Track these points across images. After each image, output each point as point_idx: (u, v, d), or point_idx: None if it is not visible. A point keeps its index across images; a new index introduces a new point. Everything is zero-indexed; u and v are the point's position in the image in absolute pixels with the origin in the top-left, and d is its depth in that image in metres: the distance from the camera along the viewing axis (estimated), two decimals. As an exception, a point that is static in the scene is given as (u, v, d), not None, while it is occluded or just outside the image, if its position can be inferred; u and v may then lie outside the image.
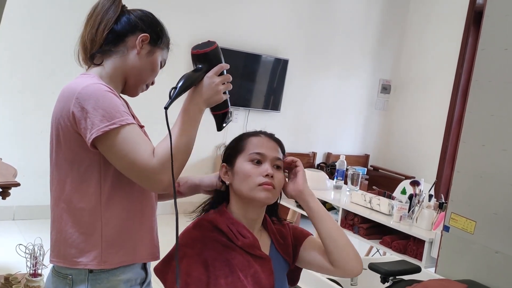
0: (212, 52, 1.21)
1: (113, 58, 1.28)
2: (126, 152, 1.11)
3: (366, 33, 5.98)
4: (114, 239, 1.20)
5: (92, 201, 1.19)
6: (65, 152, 1.20)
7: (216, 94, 1.19)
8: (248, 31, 5.12)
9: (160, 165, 1.10)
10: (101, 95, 1.14)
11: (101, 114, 1.11)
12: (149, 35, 1.28)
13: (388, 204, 2.87)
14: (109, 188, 1.19)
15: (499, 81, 1.95)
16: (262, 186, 1.20)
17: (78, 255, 1.19)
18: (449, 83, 5.53)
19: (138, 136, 1.14)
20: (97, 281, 1.19)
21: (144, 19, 1.30)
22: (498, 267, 1.86)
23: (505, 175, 1.88)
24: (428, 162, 5.72)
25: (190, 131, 1.16)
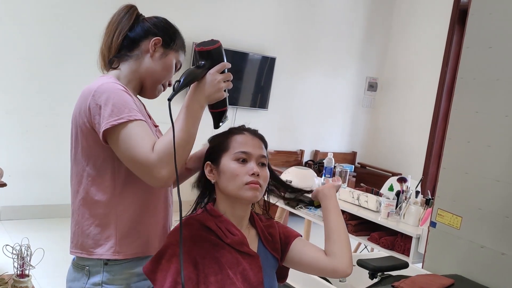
0: (216, 50, 1.24)
1: (129, 62, 1.35)
2: (128, 146, 1.15)
3: (352, 32, 6.02)
4: (128, 231, 1.26)
5: (107, 194, 1.25)
6: (82, 148, 1.26)
7: (217, 91, 1.21)
8: (235, 29, 5.12)
9: (158, 159, 1.12)
10: (113, 92, 1.20)
11: (111, 109, 1.17)
12: (162, 38, 1.34)
13: (376, 201, 2.90)
14: (122, 181, 1.25)
15: (483, 78, 1.97)
16: (249, 185, 1.21)
17: (94, 246, 1.26)
18: (434, 81, 5.58)
19: (143, 132, 1.17)
20: (111, 273, 1.26)
21: (157, 24, 1.37)
22: (483, 262, 1.89)
23: (490, 171, 1.91)
24: (414, 159, 5.78)
25: (191, 127, 1.18)
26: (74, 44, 4.22)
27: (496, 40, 1.93)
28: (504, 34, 1.91)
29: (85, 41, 4.25)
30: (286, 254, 1.32)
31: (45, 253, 2.00)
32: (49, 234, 3.97)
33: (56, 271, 3.31)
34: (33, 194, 4.28)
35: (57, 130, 4.31)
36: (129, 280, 1.28)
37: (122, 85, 1.25)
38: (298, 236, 1.35)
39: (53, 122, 4.27)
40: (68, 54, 4.21)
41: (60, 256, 3.53)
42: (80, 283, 1.28)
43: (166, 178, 1.13)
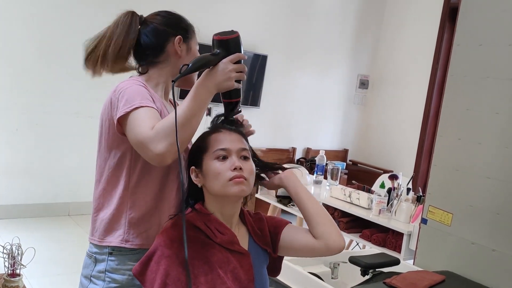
0: (233, 40, 1.25)
1: (158, 67, 1.39)
2: (134, 126, 1.20)
3: (344, 29, 6.03)
4: (137, 222, 1.31)
5: (123, 186, 1.31)
6: (107, 140, 1.33)
7: (227, 80, 1.22)
8: (226, 27, 5.10)
9: (155, 134, 1.15)
10: (130, 86, 1.27)
11: (126, 99, 1.24)
12: (181, 35, 1.38)
13: (367, 198, 2.91)
14: (137, 175, 1.30)
15: (474, 76, 1.99)
16: (233, 181, 1.20)
17: (106, 234, 1.32)
18: (425, 78, 5.61)
19: (150, 115, 1.20)
20: (116, 262, 1.31)
21: (168, 23, 1.40)
22: (474, 258, 1.91)
23: (480, 168, 1.92)
24: (405, 156, 5.81)
25: (195, 109, 1.19)
26: (63, 42, 4.19)
27: (487, 37, 1.95)
28: (495, 31, 1.92)
29: (74, 39, 4.22)
30: (278, 244, 1.31)
31: (36, 253, 1.99)
32: (40, 233, 3.94)
33: (47, 270, 3.29)
34: (24, 193, 4.25)
35: (47, 128, 4.28)
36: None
37: (143, 83, 1.31)
38: (287, 224, 1.34)
39: (43, 120, 4.24)
40: (57, 51, 4.18)
41: (51, 255, 3.52)
42: (88, 270, 1.34)
43: (163, 154, 1.14)
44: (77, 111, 4.34)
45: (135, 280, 1.27)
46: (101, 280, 1.31)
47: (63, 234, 4.03)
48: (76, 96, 4.29)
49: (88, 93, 4.27)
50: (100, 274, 1.32)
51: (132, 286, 1.30)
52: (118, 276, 1.30)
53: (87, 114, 4.36)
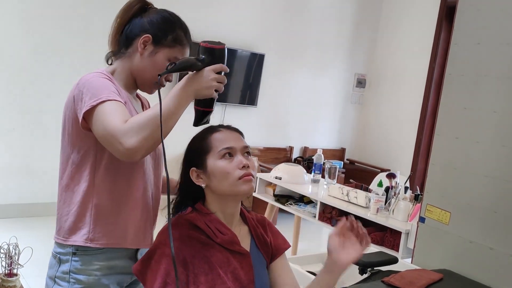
0: (219, 51, 1.25)
1: (122, 59, 1.37)
2: (102, 120, 1.18)
3: (341, 28, 6.03)
4: (103, 221, 1.29)
5: (86, 183, 1.28)
6: (69, 136, 1.31)
7: (207, 88, 1.21)
8: (223, 26, 5.10)
9: (129, 128, 1.14)
10: (94, 79, 1.25)
11: (91, 93, 1.22)
12: (152, 36, 1.34)
13: (365, 197, 2.91)
14: (102, 172, 1.28)
15: (471, 74, 1.99)
16: (243, 179, 1.20)
17: (70, 232, 1.29)
18: (422, 77, 5.62)
19: (118, 109, 1.19)
20: (80, 263, 1.28)
21: (153, 20, 1.36)
22: (472, 256, 1.91)
23: (478, 167, 1.92)
24: (403, 155, 5.81)
25: (173, 110, 1.18)
26: (59, 42, 4.17)
27: (484, 36, 1.95)
28: (492, 30, 1.92)
29: (70, 38, 4.21)
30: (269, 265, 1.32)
31: (33, 252, 1.98)
32: (37, 233, 3.93)
33: (45, 270, 3.29)
34: (21, 193, 4.24)
35: (43, 128, 4.27)
36: (99, 272, 1.29)
37: (105, 74, 1.29)
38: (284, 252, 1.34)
39: (39, 120, 4.23)
40: (53, 51, 4.16)
41: (49, 255, 3.51)
42: (53, 270, 1.32)
43: (134, 148, 1.13)
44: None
45: (102, 280, 1.28)
46: (65, 282, 1.29)
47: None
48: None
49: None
50: (64, 275, 1.29)
51: (99, 286, 1.29)
52: (83, 277, 1.28)
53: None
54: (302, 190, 3.27)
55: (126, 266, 1.36)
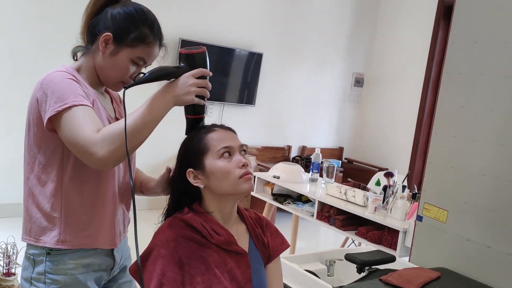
0: (198, 55, 1.22)
1: (86, 56, 1.32)
2: (71, 127, 1.15)
3: (339, 27, 6.03)
4: (74, 221, 1.27)
5: (54, 183, 1.26)
6: (34, 136, 1.27)
7: (186, 94, 1.18)
8: (222, 25, 5.10)
9: (100, 138, 1.13)
10: (59, 80, 1.20)
11: (56, 96, 1.18)
12: (112, 34, 1.26)
13: (363, 196, 2.92)
14: (70, 172, 1.25)
15: (468, 73, 1.99)
16: (243, 178, 1.20)
17: (40, 233, 1.27)
18: (420, 76, 5.63)
19: (87, 116, 1.17)
20: (54, 262, 1.26)
21: (116, 17, 1.28)
22: (469, 255, 1.92)
23: (475, 165, 1.93)
24: (401, 154, 5.82)
25: (147, 120, 1.16)
26: (57, 41, 4.17)
27: (482, 35, 1.95)
28: (489, 29, 1.93)
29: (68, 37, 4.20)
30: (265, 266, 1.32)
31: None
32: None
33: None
34: (18, 192, 4.21)
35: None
36: (75, 270, 1.28)
37: (70, 73, 1.24)
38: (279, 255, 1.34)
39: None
40: (51, 50, 4.16)
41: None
42: (28, 272, 1.29)
43: (105, 159, 1.13)
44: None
45: (78, 278, 1.27)
46: (41, 283, 1.26)
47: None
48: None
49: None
50: (40, 276, 1.27)
51: (76, 285, 1.28)
52: (59, 276, 1.26)
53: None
54: (300, 189, 3.28)
55: (102, 263, 1.35)
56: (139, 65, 1.31)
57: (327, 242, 4.91)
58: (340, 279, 2.01)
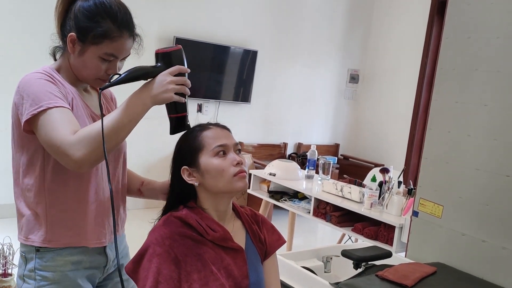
0: (174, 53, 1.21)
1: (62, 56, 1.33)
2: (47, 130, 1.15)
3: (333, 24, 6.04)
4: (58, 220, 1.28)
5: (37, 184, 1.26)
6: (17, 138, 1.28)
7: (164, 92, 1.17)
8: (216, 23, 5.10)
9: (76, 141, 1.13)
10: (34, 82, 1.20)
11: (32, 99, 1.18)
12: (76, 34, 1.24)
13: (359, 192, 2.92)
14: (51, 172, 1.25)
15: (462, 68, 2.00)
16: (238, 176, 1.20)
17: (29, 232, 1.29)
18: (415, 72, 5.64)
19: (63, 118, 1.16)
20: (43, 259, 1.27)
21: (77, 15, 1.24)
22: (465, 249, 1.93)
23: (470, 160, 1.94)
24: (396, 150, 5.84)
25: (124, 121, 1.16)
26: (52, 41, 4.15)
27: (475, 30, 1.96)
28: (483, 24, 1.93)
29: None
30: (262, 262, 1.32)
31: (27, 252, 1.97)
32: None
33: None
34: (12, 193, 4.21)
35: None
36: (64, 267, 1.29)
37: (47, 73, 1.24)
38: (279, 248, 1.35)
39: (32, 119, 4.21)
40: (44, 50, 4.14)
41: (43, 254, 3.49)
42: (21, 269, 1.32)
43: (81, 161, 1.13)
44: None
45: (68, 275, 1.28)
46: (32, 279, 1.28)
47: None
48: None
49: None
50: (30, 273, 1.29)
51: (65, 281, 1.29)
52: (48, 273, 1.28)
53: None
54: (296, 186, 3.28)
55: (94, 260, 1.34)
56: (110, 61, 1.27)
57: (323, 238, 4.92)
58: (337, 275, 2.02)
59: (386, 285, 1.61)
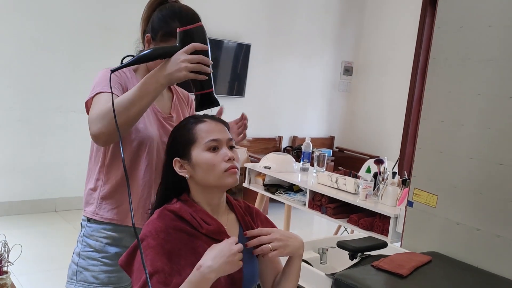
0: (191, 31, 1.23)
1: None
2: (90, 110, 1.32)
3: (326, 16, 6.02)
4: (107, 198, 1.43)
5: (99, 164, 1.44)
6: None
7: (178, 71, 1.19)
8: (209, 17, 5.05)
9: (94, 117, 1.26)
10: (100, 74, 1.37)
11: (93, 86, 1.35)
12: (150, 34, 1.41)
13: (354, 183, 2.93)
14: (110, 153, 1.41)
15: (455, 58, 2.00)
16: (229, 172, 1.20)
17: (86, 205, 1.47)
18: (408, 63, 5.65)
19: (105, 101, 1.27)
20: (91, 228, 1.45)
21: (154, 18, 1.42)
22: (459, 238, 1.94)
23: (463, 149, 1.95)
24: (391, 141, 5.85)
25: (135, 98, 1.22)
26: (44, 37, 4.12)
27: (467, 19, 1.96)
28: (474, 13, 1.94)
29: (57, 34, 4.16)
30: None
31: (24, 249, 1.97)
32: (27, 230, 3.91)
33: (36, 266, 3.27)
34: (9, 190, 4.20)
35: (30, 125, 4.23)
36: (105, 240, 1.43)
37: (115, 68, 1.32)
38: None
39: (26, 117, 4.19)
40: (39, 47, 4.12)
41: (40, 251, 3.49)
42: (78, 235, 1.50)
43: (96, 135, 1.25)
44: (59, 105, 4.29)
45: (107, 248, 1.41)
46: (80, 244, 1.46)
47: (51, 230, 4.00)
48: (57, 91, 4.24)
49: (69, 87, 4.22)
50: (80, 238, 1.47)
51: (104, 252, 1.43)
52: (91, 241, 1.44)
53: (70, 108, 4.31)
54: (292, 178, 3.29)
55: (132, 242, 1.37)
56: None
57: (320, 230, 4.94)
58: (333, 266, 2.03)
59: (381, 275, 1.62)
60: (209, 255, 1.11)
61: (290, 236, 1.24)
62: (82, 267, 1.44)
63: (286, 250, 1.21)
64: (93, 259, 1.43)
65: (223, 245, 1.12)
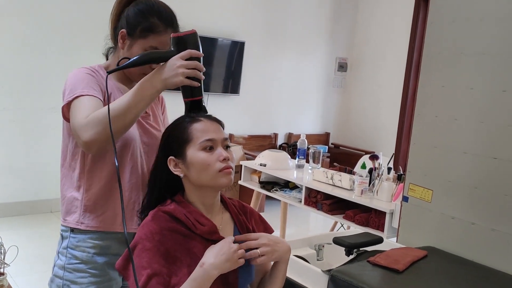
0: (187, 37, 1.23)
1: (112, 55, 1.44)
2: (73, 114, 1.26)
3: (320, 12, 6.02)
4: (92, 205, 1.37)
5: (78, 170, 1.38)
6: (66, 125, 1.39)
7: (174, 76, 1.19)
8: (203, 15, 5.06)
9: (86, 122, 1.20)
10: (75, 75, 1.33)
11: (70, 88, 1.30)
12: (125, 29, 1.37)
13: (349, 179, 2.94)
14: (90, 159, 1.36)
15: (448, 52, 2.01)
16: (223, 172, 1.19)
17: (66, 214, 1.40)
18: (403, 58, 5.66)
19: (89, 105, 1.25)
20: (76, 239, 1.39)
21: (129, 13, 1.37)
22: (455, 232, 1.95)
23: (457, 144, 1.95)
24: (386, 137, 5.87)
25: (132, 103, 1.20)
26: (37, 37, 4.10)
27: (459, 13, 1.96)
28: (466, 7, 1.94)
29: (48, 34, 4.14)
30: None
31: (20, 251, 1.96)
32: (24, 231, 3.90)
33: (33, 268, 3.26)
34: (4, 191, 4.19)
35: (23, 125, 4.21)
36: (92, 249, 1.38)
37: (91, 69, 1.36)
38: None
39: (18, 117, 4.17)
40: (30, 47, 4.09)
41: (36, 252, 3.48)
42: (59, 246, 1.43)
43: (89, 142, 1.20)
44: (53, 106, 4.27)
45: (95, 258, 1.36)
46: (64, 256, 1.39)
47: (47, 231, 3.99)
48: (51, 91, 4.21)
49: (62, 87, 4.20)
50: (64, 250, 1.40)
51: (92, 263, 1.37)
52: (78, 252, 1.38)
53: (65, 109, 4.29)
54: (287, 175, 3.29)
55: (121, 248, 1.37)
56: None
57: (316, 227, 4.95)
58: (330, 262, 2.03)
59: (377, 270, 1.62)
60: (210, 253, 1.13)
61: (278, 241, 1.24)
62: (68, 280, 1.38)
63: (274, 255, 1.22)
64: (81, 271, 1.38)
65: (222, 244, 1.15)
